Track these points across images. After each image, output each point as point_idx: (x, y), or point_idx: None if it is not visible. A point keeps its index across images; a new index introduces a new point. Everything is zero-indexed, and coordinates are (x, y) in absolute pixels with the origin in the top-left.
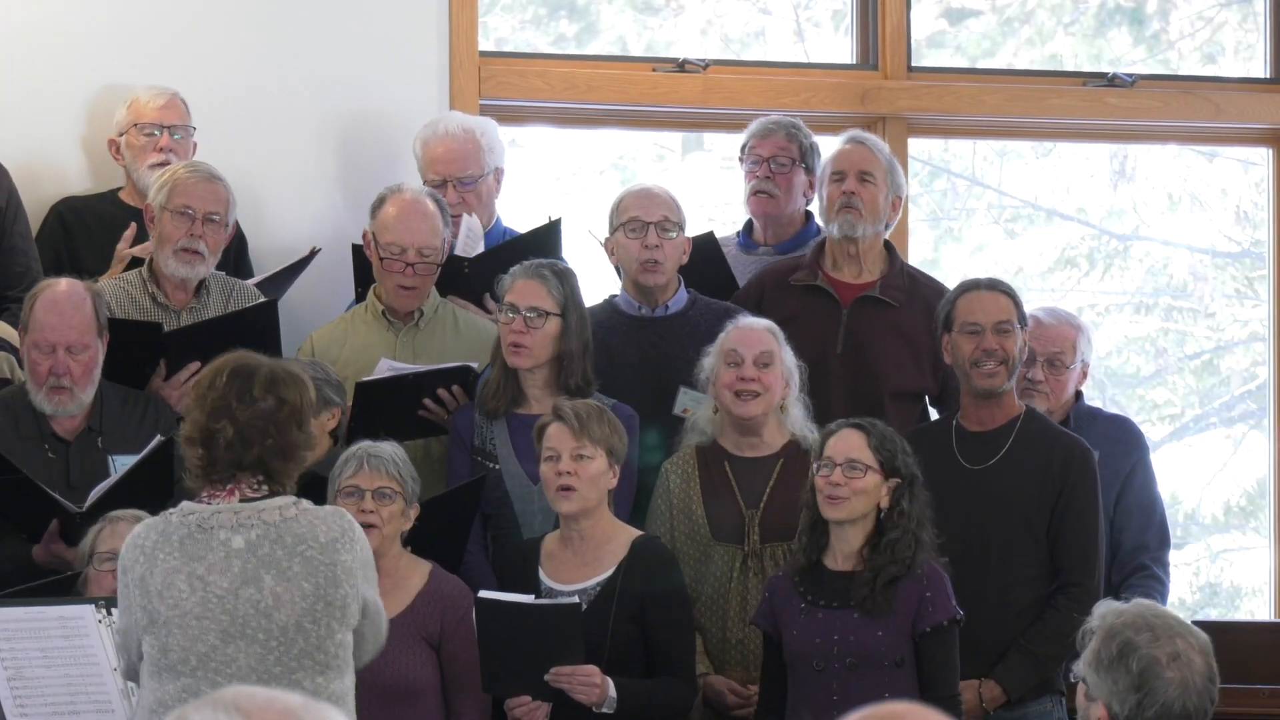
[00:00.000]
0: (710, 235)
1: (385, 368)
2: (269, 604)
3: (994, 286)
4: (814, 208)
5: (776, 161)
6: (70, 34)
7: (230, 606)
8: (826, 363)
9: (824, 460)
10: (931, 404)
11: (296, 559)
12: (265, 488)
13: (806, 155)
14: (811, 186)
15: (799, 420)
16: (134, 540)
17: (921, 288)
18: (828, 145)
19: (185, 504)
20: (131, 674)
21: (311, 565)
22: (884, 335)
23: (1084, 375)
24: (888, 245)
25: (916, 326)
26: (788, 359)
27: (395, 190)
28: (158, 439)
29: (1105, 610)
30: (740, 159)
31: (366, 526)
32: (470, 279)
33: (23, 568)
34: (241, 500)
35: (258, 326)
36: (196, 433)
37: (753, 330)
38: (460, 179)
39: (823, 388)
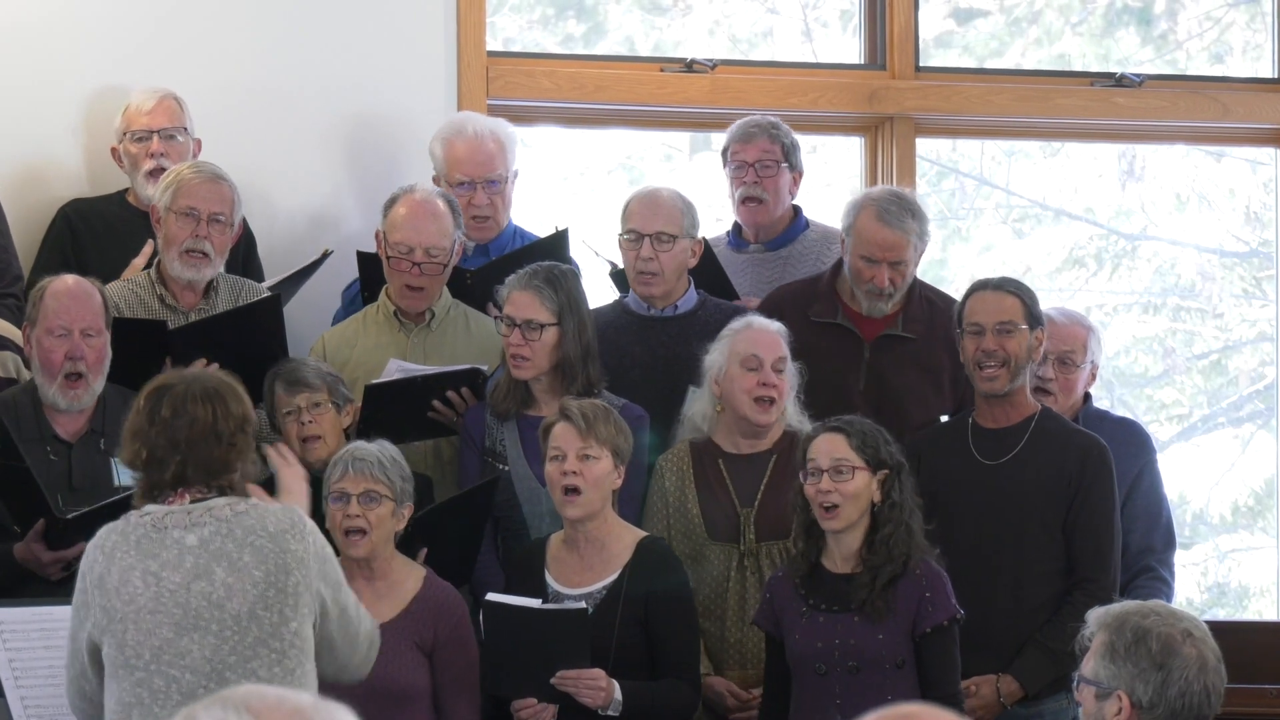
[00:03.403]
0: (703, 241)
1: (394, 369)
2: (221, 595)
3: (1001, 286)
4: (800, 202)
5: (762, 165)
6: (77, 34)
7: (182, 600)
8: (850, 398)
9: (809, 469)
10: None
11: (246, 549)
12: (214, 491)
13: (790, 154)
14: (796, 183)
15: (793, 413)
16: (95, 542)
17: (939, 313)
18: (833, 146)
19: (146, 506)
20: (78, 685)
21: (261, 554)
22: (906, 369)
23: (1093, 377)
24: None
25: (935, 356)
26: (790, 361)
27: (408, 190)
28: None
29: (1100, 612)
30: (723, 164)
31: (356, 532)
32: (474, 290)
33: (7, 566)
34: (192, 501)
35: (262, 322)
36: (124, 456)
37: (768, 333)
38: (488, 179)
39: None
